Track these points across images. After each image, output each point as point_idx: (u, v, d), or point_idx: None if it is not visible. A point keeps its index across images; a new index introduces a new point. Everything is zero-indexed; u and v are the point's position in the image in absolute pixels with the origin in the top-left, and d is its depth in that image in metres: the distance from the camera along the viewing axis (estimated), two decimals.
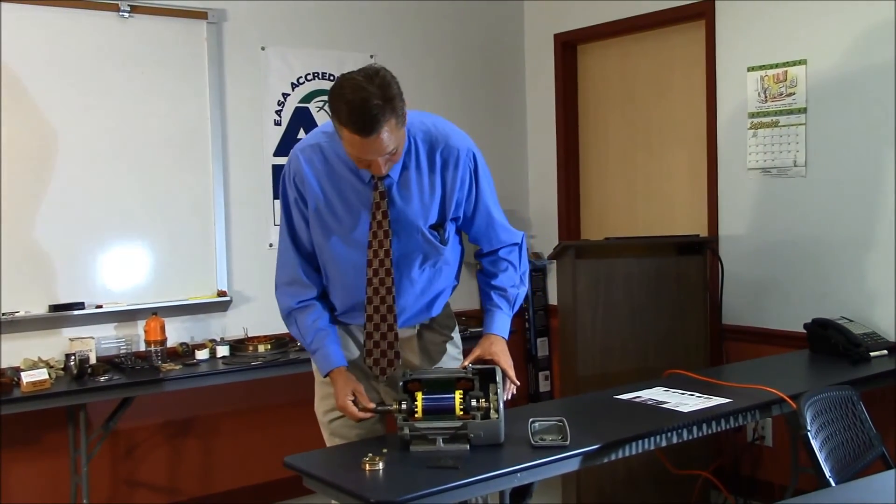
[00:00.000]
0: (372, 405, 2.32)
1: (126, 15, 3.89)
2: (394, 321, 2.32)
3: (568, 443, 2.27)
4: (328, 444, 2.50)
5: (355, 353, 2.45)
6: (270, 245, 4.22)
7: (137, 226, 3.95)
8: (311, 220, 2.33)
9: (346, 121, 2.04)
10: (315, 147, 2.31)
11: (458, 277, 2.51)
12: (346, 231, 2.30)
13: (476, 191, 2.36)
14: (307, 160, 2.30)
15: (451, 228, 2.37)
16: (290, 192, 2.35)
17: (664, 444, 2.52)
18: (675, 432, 2.52)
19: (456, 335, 2.56)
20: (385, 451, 2.18)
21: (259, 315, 4.18)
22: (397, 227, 2.28)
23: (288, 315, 2.43)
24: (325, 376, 2.38)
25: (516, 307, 2.48)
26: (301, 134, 4.35)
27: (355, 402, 2.30)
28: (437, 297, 2.44)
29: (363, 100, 2.01)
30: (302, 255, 2.39)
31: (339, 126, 2.09)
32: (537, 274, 5.10)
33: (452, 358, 2.51)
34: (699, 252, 4.00)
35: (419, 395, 2.24)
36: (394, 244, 2.28)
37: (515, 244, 2.48)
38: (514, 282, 2.46)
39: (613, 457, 2.39)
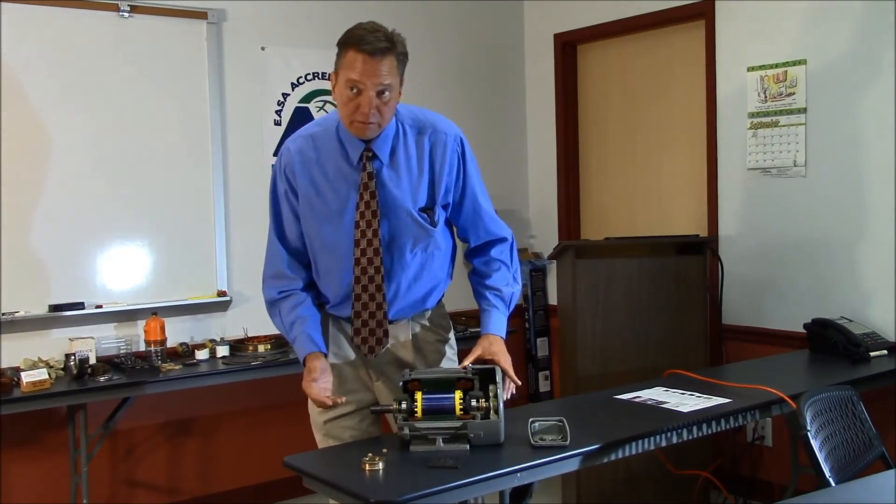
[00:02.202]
0: (328, 383, 2.31)
1: (126, 15, 3.89)
2: (382, 300, 2.32)
3: (568, 443, 2.27)
4: (321, 446, 2.46)
5: (349, 352, 2.43)
6: None
7: (137, 226, 3.96)
8: (301, 209, 2.34)
9: (356, 41, 2.16)
10: (307, 137, 2.35)
11: (451, 274, 2.50)
12: (336, 215, 2.31)
13: (464, 175, 2.38)
14: (297, 150, 2.34)
15: (441, 215, 2.37)
16: (280, 185, 2.37)
17: (664, 444, 2.52)
18: (674, 432, 2.52)
19: (451, 337, 2.54)
20: (385, 451, 2.18)
21: (259, 315, 4.09)
22: (386, 209, 2.29)
23: (272, 305, 2.43)
24: (304, 363, 2.35)
25: (512, 306, 2.48)
26: None
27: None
28: (433, 290, 2.44)
29: (377, 29, 2.20)
30: (288, 250, 2.40)
31: (344, 52, 2.19)
32: (537, 274, 5.10)
33: (449, 360, 2.49)
34: (699, 252, 4.00)
35: (419, 395, 2.23)
36: (384, 227, 2.29)
37: (505, 240, 2.48)
38: (508, 280, 2.46)
39: (613, 457, 2.39)
